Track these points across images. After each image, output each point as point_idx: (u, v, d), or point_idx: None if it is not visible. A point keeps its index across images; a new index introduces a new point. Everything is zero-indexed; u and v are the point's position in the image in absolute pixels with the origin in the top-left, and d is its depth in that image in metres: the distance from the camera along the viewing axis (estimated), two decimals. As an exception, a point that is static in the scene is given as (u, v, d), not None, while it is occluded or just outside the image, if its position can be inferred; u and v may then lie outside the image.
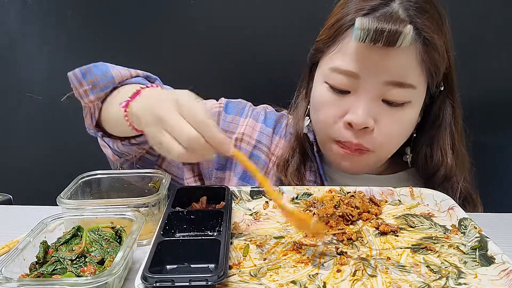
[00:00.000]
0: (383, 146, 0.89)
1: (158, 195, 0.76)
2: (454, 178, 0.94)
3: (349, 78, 0.85)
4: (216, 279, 0.54)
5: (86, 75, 0.91)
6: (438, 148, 0.94)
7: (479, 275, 0.61)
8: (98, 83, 0.91)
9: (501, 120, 1.31)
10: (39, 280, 0.58)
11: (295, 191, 0.85)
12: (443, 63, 0.88)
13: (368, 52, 0.82)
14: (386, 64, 0.82)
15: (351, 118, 0.85)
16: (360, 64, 0.83)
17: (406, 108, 0.87)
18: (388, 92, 0.84)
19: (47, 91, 1.41)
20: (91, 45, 1.37)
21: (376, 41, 0.79)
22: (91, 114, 0.93)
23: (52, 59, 1.39)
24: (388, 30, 0.78)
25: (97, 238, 0.66)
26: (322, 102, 0.89)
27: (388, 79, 0.83)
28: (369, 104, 0.85)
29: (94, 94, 0.91)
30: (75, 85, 0.92)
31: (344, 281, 0.59)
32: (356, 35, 0.80)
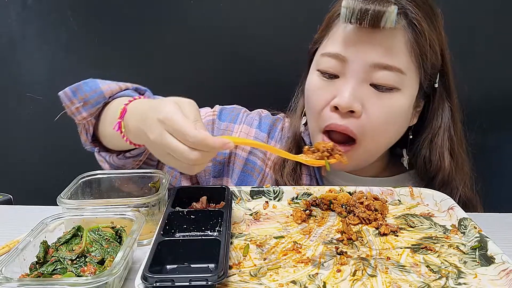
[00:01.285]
0: (370, 134, 0.87)
1: (158, 195, 0.76)
2: (453, 183, 0.93)
3: (337, 61, 0.86)
4: (216, 279, 0.54)
5: (76, 93, 0.92)
6: (436, 152, 0.93)
7: (479, 275, 0.61)
8: (88, 100, 0.92)
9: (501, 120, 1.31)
10: (39, 280, 0.58)
11: (295, 191, 0.85)
12: (434, 56, 0.87)
13: (355, 35, 0.83)
14: (373, 45, 0.83)
15: (337, 100, 0.85)
16: (347, 46, 0.85)
17: (394, 94, 0.85)
18: (375, 75, 0.84)
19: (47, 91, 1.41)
20: (91, 45, 1.37)
21: (361, 20, 0.80)
22: (86, 131, 0.95)
23: (52, 59, 1.39)
24: (372, 10, 0.79)
25: (97, 238, 0.66)
26: (313, 89, 0.90)
27: (375, 61, 0.83)
28: (356, 87, 0.85)
29: (86, 111, 0.92)
30: (67, 104, 0.93)
31: (344, 281, 0.59)
32: (342, 15, 0.81)
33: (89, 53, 1.38)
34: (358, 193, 0.82)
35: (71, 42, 1.37)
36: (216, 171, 1.01)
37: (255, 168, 1.01)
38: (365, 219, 0.75)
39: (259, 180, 1.00)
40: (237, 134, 1.01)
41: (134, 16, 1.34)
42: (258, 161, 1.01)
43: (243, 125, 1.02)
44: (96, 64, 1.37)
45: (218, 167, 1.01)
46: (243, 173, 1.01)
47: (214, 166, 1.01)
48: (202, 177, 1.02)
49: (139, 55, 1.36)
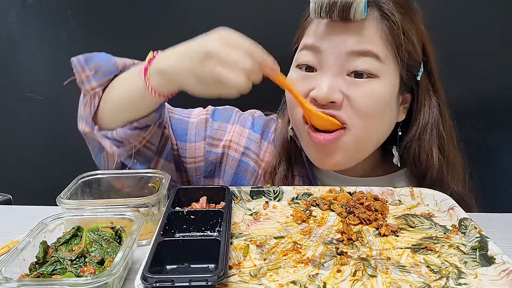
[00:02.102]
0: (357, 120, 0.85)
1: (158, 195, 0.76)
2: (444, 180, 0.92)
3: (313, 53, 0.86)
4: (216, 279, 0.54)
5: (89, 61, 0.90)
6: (424, 149, 0.91)
7: (479, 275, 0.61)
8: (100, 69, 0.89)
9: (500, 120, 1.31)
10: (39, 280, 0.58)
11: (295, 191, 0.85)
12: (412, 47, 0.86)
13: (328, 27, 0.84)
14: (346, 35, 0.83)
15: (315, 93, 0.84)
16: (322, 38, 0.85)
17: (373, 81, 0.84)
18: (352, 63, 0.83)
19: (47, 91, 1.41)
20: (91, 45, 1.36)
21: (331, 13, 0.81)
22: (91, 103, 0.91)
23: (52, 59, 1.39)
24: (340, 1, 0.79)
25: (97, 238, 0.66)
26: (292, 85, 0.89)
27: (349, 49, 0.83)
28: (333, 78, 0.84)
29: (96, 80, 0.89)
30: (78, 70, 0.90)
31: (344, 281, 0.59)
32: (311, 10, 0.82)
33: (89, 53, 1.38)
34: (358, 193, 0.82)
35: (71, 42, 1.37)
36: (207, 171, 1.01)
37: (248, 169, 1.01)
38: (365, 219, 0.75)
39: (252, 181, 1.00)
40: (230, 134, 1.01)
41: (134, 16, 1.34)
42: (251, 162, 1.01)
43: (236, 125, 1.02)
44: (96, 64, 1.37)
45: (210, 167, 1.01)
46: (236, 175, 1.01)
47: (206, 166, 1.01)
48: (193, 176, 1.02)
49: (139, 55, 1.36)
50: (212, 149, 1.01)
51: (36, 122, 1.44)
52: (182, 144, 1.00)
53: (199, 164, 1.01)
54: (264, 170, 0.99)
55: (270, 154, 1.00)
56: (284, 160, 0.97)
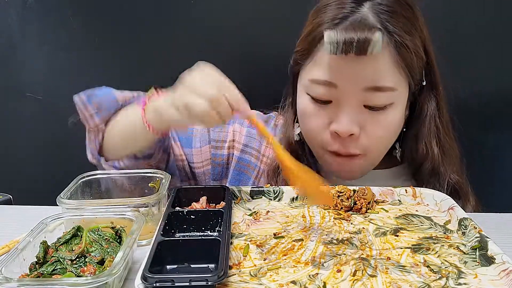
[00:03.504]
0: (371, 149, 0.89)
1: (158, 195, 0.76)
2: (441, 171, 0.94)
3: (328, 88, 0.85)
4: (216, 279, 0.54)
5: (91, 99, 0.93)
6: (422, 141, 0.94)
7: (479, 275, 0.61)
8: (102, 105, 0.92)
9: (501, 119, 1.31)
10: (39, 280, 0.58)
11: (295, 191, 0.85)
12: (419, 61, 0.87)
13: (343, 62, 0.82)
14: (361, 71, 0.82)
15: (336, 127, 0.86)
16: (336, 74, 0.83)
17: (389, 110, 0.86)
18: (368, 98, 0.84)
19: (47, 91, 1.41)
20: (91, 45, 1.37)
21: (347, 51, 0.79)
22: (95, 138, 0.94)
23: (52, 59, 1.39)
24: (357, 40, 0.78)
25: (97, 238, 0.66)
26: (307, 113, 0.90)
27: (366, 85, 0.83)
28: (351, 111, 0.85)
29: (99, 116, 0.93)
30: (81, 108, 0.93)
31: (344, 281, 0.59)
32: (326, 49, 0.80)
33: (89, 53, 1.37)
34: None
35: (71, 42, 1.37)
36: (215, 173, 1.03)
37: (249, 165, 1.02)
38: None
39: (253, 176, 1.01)
40: (231, 134, 1.03)
41: (135, 16, 1.34)
42: (252, 159, 1.02)
43: (236, 125, 1.04)
44: (96, 64, 1.37)
45: (217, 169, 1.03)
46: (236, 171, 1.02)
47: (214, 169, 1.03)
48: (202, 181, 1.03)
49: (139, 55, 1.36)
50: (217, 151, 1.03)
51: (36, 122, 1.43)
52: (188, 150, 1.03)
53: (207, 167, 1.03)
54: (267, 168, 1.00)
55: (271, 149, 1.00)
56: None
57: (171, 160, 1.00)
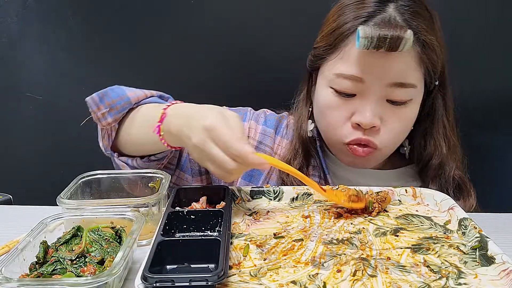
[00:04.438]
0: (389, 142, 0.93)
1: (158, 195, 0.76)
2: (446, 167, 0.98)
3: (354, 82, 0.88)
4: (216, 279, 0.54)
5: (103, 99, 0.93)
6: (431, 138, 0.98)
7: (479, 275, 0.61)
8: (115, 106, 0.93)
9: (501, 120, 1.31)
10: (39, 280, 0.58)
11: (295, 191, 0.85)
12: (440, 61, 0.91)
13: (371, 57, 0.86)
14: (389, 67, 0.86)
15: (360, 119, 0.89)
16: (364, 69, 0.87)
17: (408, 106, 0.91)
18: (392, 93, 0.88)
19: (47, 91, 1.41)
20: (91, 45, 1.37)
21: (380, 47, 0.83)
22: (108, 136, 0.96)
23: (52, 59, 1.39)
24: (390, 37, 0.82)
25: (97, 238, 0.66)
26: (329, 106, 0.92)
27: (392, 81, 0.87)
28: (374, 105, 0.88)
29: (111, 116, 0.93)
30: (93, 109, 0.93)
31: (344, 281, 0.59)
32: (360, 44, 0.82)
33: (89, 53, 1.38)
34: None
35: (71, 42, 1.37)
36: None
37: None
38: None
39: (266, 172, 1.01)
40: (246, 131, 1.04)
41: (135, 16, 1.34)
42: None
43: (251, 121, 1.05)
44: (96, 64, 1.37)
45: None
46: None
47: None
48: (215, 181, 1.04)
49: (139, 55, 1.36)
50: None
51: (36, 122, 1.43)
52: None
53: None
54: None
55: (283, 148, 1.03)
56: (301, 155, 1.00)
57: (184, 156, 1.01)
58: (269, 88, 1.29)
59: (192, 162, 1.03)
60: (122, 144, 0.97)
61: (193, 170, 1.02)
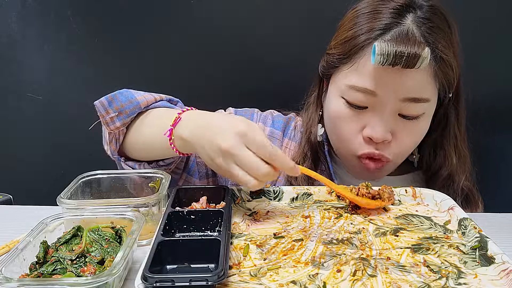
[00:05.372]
0: (399, 155, 0.93)
1: (158, 195, 0.76)
2: (455, 177, 0.97)
3: (366, 95, 0.87)
4: (216, 279, 0.54)
5: (112, 103, 0.92)
6: (442, 149, 0.97)
7: (479, 275, 0.61)
8: (124, 110, 0.92)
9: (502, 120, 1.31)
10: (39, 280, 0.58)
11: (295, 191, 0.85)
12: (455, 76, 0.90)
13: (386, 72, 0.84)
14: (403, 82, 0.84)
15: (371, 133, 0.88)
16: (378, 83, 0.85)
17: (420, 120, 0.90)
18: (404, 108, 0.87)
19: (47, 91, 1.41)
20: (91, 45, 1.37)
21: (396, 64, 0.81)
22: (116, 140, 0.95)
23: (52, 59, 1.39)
24: (407, 54, 0.80)
25: (97, 238, 0.66)
26: (340, 117, 0.92)
27: (405, 96, 0.86)
28: (386, 119, 0.88)
29: (120, 120, 0.92)
30: (102, 113, 0.92)
31: (344, 281, 0.59)
32: (376, 60, 0.81)
33: (89, 53, 1.37)
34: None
35: (71, 42, 1.37)
36: None
37: None
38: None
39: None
40: None
41: (135, 16, 1.34)
42: None
43: (259, 123, 1.04)
44: (96, 64, 1.37)
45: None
46: None
47: None
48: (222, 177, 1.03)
49: (139, 55, 1.36)
50: None
51: (36, 122, 1.43)
52: None
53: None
54: None
55: (291, 150, 1.03)
56: (310, 159, 1.00)
57: (191, 159, 1.00)
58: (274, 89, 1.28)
59: (200, 165, 1.02)
60: (129, 148, 0.95)
61: (201, 173, 1.02)
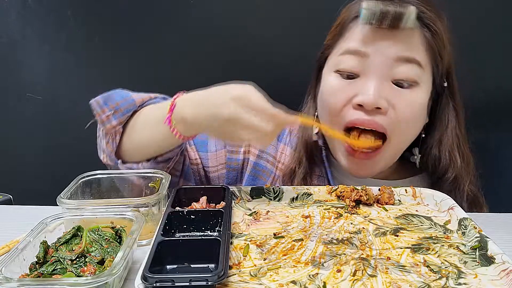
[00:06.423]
0: (398, 130, 0.88)
1: (158, 195, 0.76)
2: (461, 180, 0.95)
3: (357, 57, 0.87)
4: (216, 279, 0.54)
5: (107, 101, 0.92)
6: (446, 150, 0.95)
7: (479, 275, 0.61)
8: (119, 108, 0.91)
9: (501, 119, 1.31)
10: (39, 280, 0.58)
11: (295, 191, 0.85)
12: (446, 53, 0.90)
13: (375, 33, 0.86)
14: (392, 42, 0.86)
15: (362, 98, 0.86)
16: (367, 43, 0.86)
17: (415, 90, 0.88)
18: (397, 70, 0.86)
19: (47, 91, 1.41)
20: (91, 45, 1.37)
21: (382, 20, 0.83)
22: (112, 140, 0.93)
23: (52, 59, 1.39)
24: (393, 11, 0.82)
25: (97, 238, 0.66)
26: (331, 90, 0.91)
27: (396, 55, 0.86)
28: (379, 84, 0.86)
29: (116, 119, 0.91)
30: (98, 112, 0.92)
31: (344, 281, 0.59)
32: (363, 16, 0.83)
33: (89, 53, 1.38)
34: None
35: (71, 42, 1.37)
36: (230, 178, 1.03)
37: (265, 171, 1.02)
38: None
39: (269, 182, 1.01)
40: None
41: (134, 16, 1.34)
42: (268, 165, 1.02)
43: None
44: (96, 64, 1.37)
45: (232, 174, 1.03)
46: (251, 176, 1.02)
47: (228, 173, 1.02)
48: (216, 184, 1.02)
49: (139, 56, 1.36)
50: (233, 156, 1.03)
51: (36, 122, 1.44)
52: (204, 155, 1.02)
53: (221, 171, 1.03)
54: (282, 173, 1.00)
55: (287, 156, 1.02)
56: (305, 163, 0.99)
57: (187, 163, 1.00)
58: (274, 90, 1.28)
59: (195, 170, 1.01)
60: (127, 148, 0.94)
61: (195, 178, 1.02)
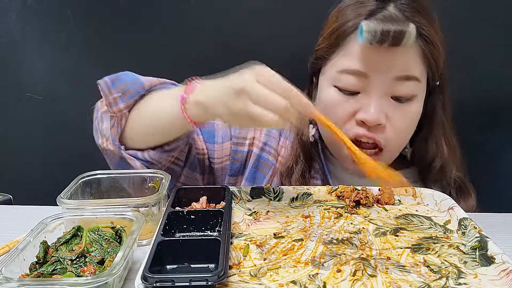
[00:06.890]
0: (394, 141, 0.92)
1: (158, 195, 0.76)
2: (447, 168, 0.98)
3: (358, 78, 0.88)
4: (216, 279, 0.54)
5: (116, 83, 0.90)
6: (433, 141, 0.98)
7: (479, 275, 0.61)
8: (128, 90, 0.90)
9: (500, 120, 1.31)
10: (39, 280, 0.58)
11: (295, 191, 0.85)
12: (440, 58, 0.91)
13: (375, 52, 0.85)
14: (393, 61, 0.86)
15: (365, 116, 0.88)
16: (368, 63, 0.87)
17: (413, 102, 0.90)
18: (396, 88, 0.88)
19: (47, 91, 1.41)
20: (91, 45, 1.37)
21: (383, 41, 0.83)
22: (118, 124, 0.91)
23: (52, 59, 1.39)
24: (394, 31, 0.82)
25: (97, 238, 0.66)
26: (332, 105, 0.91)
27: (396, 74, 0.87)
28: (379, 101, 0.88)
29: (123, 102, 0.89)
30: (105, 93, 0.90)
31: (344, 281, 0.59)
32: (363, 38, 0.83)
33: (89, 53, 1.38)
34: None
35: (71, 42, 1.37)
36: (233, 169, 1.03)
37: (267, 164, 1.03)
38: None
39: (269, 175, 1.01)
40: (252, 131, 1.04)
41: (134, 16, 1.34)
42: (270, 157, 1.03)
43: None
44: (96, 64, 1.37)
45: (236, 165, 1.03)
46: (253, 168, 1.03)
47: (232, 164, 1.03)
48: (219, 176, 1.03)
49: (139, 55, 1.36)
50: (238, 148, 1.04)
51: (36, 122, 1.44)
52: (211, 146, 1.02)
53: (225, 163, 1.03)
54: (281, 168, 1.01)
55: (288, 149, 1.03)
56: (303, 161, 0.99)
57: (192, 153, 0.99)
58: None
59: (200, 160, 1.00)
60: (131, 134, 0.91)
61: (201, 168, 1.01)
